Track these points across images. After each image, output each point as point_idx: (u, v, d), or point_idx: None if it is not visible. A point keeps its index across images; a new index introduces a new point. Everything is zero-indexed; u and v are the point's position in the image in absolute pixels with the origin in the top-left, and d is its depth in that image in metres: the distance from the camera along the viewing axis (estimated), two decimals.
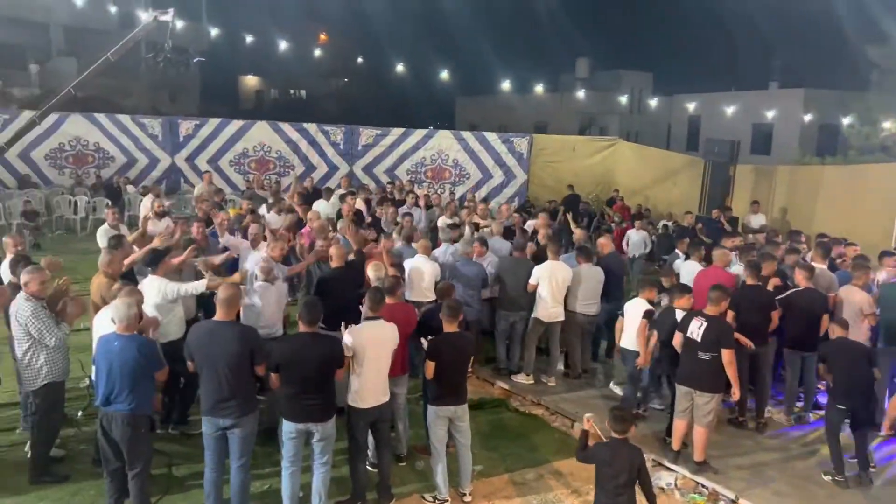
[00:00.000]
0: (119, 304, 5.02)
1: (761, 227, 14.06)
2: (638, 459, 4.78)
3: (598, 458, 4.87)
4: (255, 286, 6.63)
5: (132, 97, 28.44)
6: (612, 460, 4.77)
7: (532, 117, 37.68)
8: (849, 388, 6.37)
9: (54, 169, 18.47)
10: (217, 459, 5.19)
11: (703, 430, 6.36)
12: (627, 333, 7.28)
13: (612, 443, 4.86)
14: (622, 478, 4.72)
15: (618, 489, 4.74)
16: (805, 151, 24.30)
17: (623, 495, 4.74)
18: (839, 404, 6.41)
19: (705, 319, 6.34)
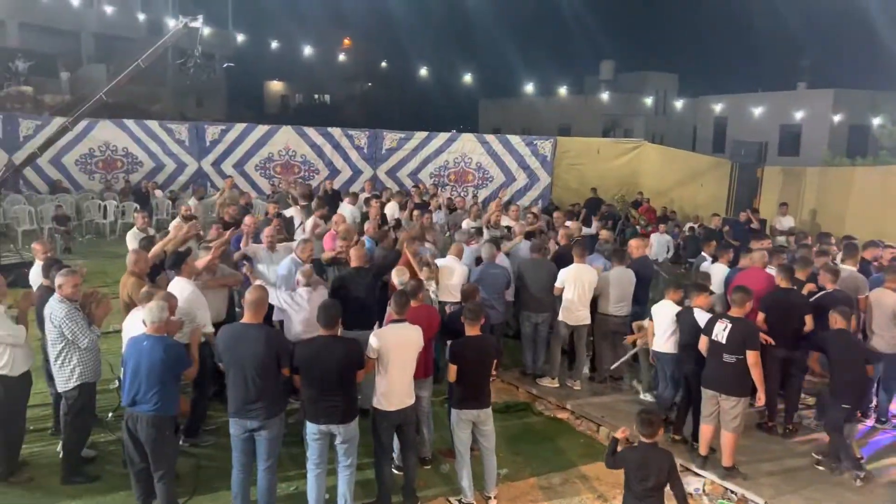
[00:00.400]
0: (153, 306, 5.08)
1: (790, 229, 13.89)
2: (668, 463, 4.74)
3: (627, 463, 4.82)
4: (300, 291, 6.59)
5: (159, 103, 28.89)
6: (642, 464, 4.72)
7: (556, 120, 37.55)
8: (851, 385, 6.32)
9: (84, 174, 18.79)
10: (244, 461, 5.23)
11: (730, 434, 6.27)
12: (659, 336, 7.20)
13: (640, 447, 4.83)
14: (651, 481, 4.68)
15: (646, 493, 4.71)
16: (835, 152, 23.91)
17: (651, 498, 4.70)
18: (844, 403, 6.35)
19: (730, 321, 6.26)
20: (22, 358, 5.70)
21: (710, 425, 6.38)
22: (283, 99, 51.01)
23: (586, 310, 8.12)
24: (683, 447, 6.84)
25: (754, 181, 15.76)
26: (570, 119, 37.99)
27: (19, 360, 5.67)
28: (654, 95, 34.50)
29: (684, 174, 18.73)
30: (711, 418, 6.36)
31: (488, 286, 7.92)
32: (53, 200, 16.56)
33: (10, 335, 5.54)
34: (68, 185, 18.41)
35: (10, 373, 5.61)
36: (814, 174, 16.76)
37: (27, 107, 24.44)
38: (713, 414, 6.34)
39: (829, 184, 16.13)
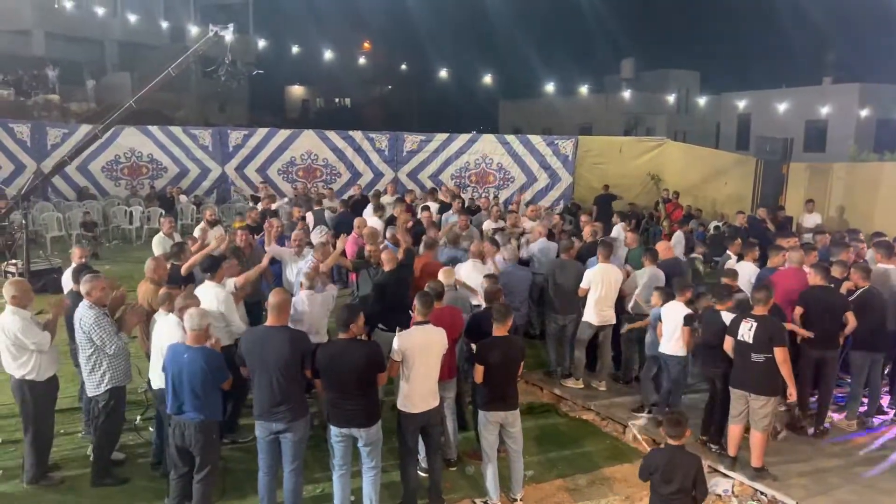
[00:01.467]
0: (194, 312, 5.12)
1: (816, 226, 13.66)
2: (695, 467, 4.68)
3: (653, 465, 4.76)
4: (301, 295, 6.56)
5: (183, 109, 29.24)
6: (668, 467, 4.67)
7: (577, 119, 37.34)
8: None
9: (110, 180, 19.08)
10: (270, 463, 5.26)
11: (760, 434, 6.19)
12: (666, 339, 7.12)
13: (667, 448, 4.78)
14: (675, 485, 4.62)
15: (671, 496, 4.64)
16: (862, 148, 23.52)
17: (676, 502, 4.64)
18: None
19: (755, 320, 6.17)
20: (48, 363, 5.79)
21: (739, 425, 6.30)
22: (304, 103, 51.33)
23: (612, 310, 8.06)
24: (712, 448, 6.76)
25: (779, 178, 15.55)
26: (592, 118, 37.74)
27: (45, 365, 5.75)
28: (677, 93, 34.13)
29: (708, 172, 18.54)
30: (741, 418, 6.28)
31: (512, 287, 7.89)
32: (81, 207, 16.84)
33: (35, 342, 5.62)
34: (95, 191, 18.71)
35: (36, 377, 5.71)
36: (841, 170, 16.48)
37: (54, 115, 24.86)
38: (742, 414, 6.26)
39: (856, 180, 15.86)
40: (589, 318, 8.06)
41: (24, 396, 5.74)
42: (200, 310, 5.23)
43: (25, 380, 5.69)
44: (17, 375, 5.70)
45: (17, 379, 5.71)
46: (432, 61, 32.88)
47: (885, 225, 12.34)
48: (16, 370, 5.69)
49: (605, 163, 19.67)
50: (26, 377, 5.69)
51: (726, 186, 17.91)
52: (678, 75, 39.28)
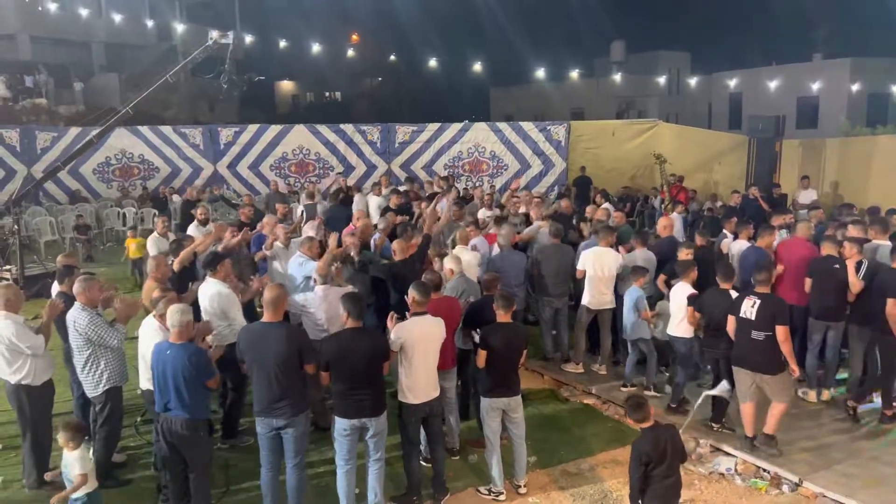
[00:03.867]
0: (173, 309, 5.08)
1: (812, 202, 13.66)
2: (677, 434, 4.81)
3: (643, 453, 4.66)
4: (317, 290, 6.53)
5: (173, 108, 29.04)
6: (654, 448, 4.64)
7: (568, 104, 37.25)
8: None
9: (102, 182, 18.98)
10: (272, 459, 5.24)
11: (782, 405, 6.21)
12: (673, 320, 7.11)
13: (645, 433, 4.75)
14: (666, 461, 4.64)
15: (665, 473, 4.66)
16: (854, 122, 23.49)
17: (671, 477, 4.68)
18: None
19: (758, 297, 6.17)
20: (43, 367, 5.75)
21: (751, 403, 6.30)
22: (294, 98, 51.14)
23: (610, 293, 8.04)
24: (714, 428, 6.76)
25: (773, 156, 15.51)
26: (583, 103, 37.65)
27: (40, 369, 5.72)
28: (667, 74, 34.09)
29: (701, 152, 18.48)
30: (750, 395, 6.27)
31: (508, 272, 7.87)
32: (73, 210, 16.75)
33: (31, 346, 5.58)
34: (87, 194, 18.61)
35: (32, 382, 5.67)
36: (834, 146, 16.45)
37: (42, 118, 24.70)
38: (750, 391, 6.25)
39: (850, 155, 15.83)
40: (586, 301, 8.05)
41: (21, 402, 5.70)
42: (181, 306, 5.16)
43: (21, 385, 5.66)
44: (12, 381, 5.67)
45: (13, 384, 5.68)
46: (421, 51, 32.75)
47: (879, 198, 12.33)
48: (11, 376, 5.66)
49: (598, 147, 19.59)
50: (22, 382, 5.65)
51: (720, 166, 17.87)
52: (668, 56, 39.18)
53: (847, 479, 5.86)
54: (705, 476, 6.18)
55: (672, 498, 4.71)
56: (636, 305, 7.39)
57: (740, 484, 6.04)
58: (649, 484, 4.68)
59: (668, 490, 4.65)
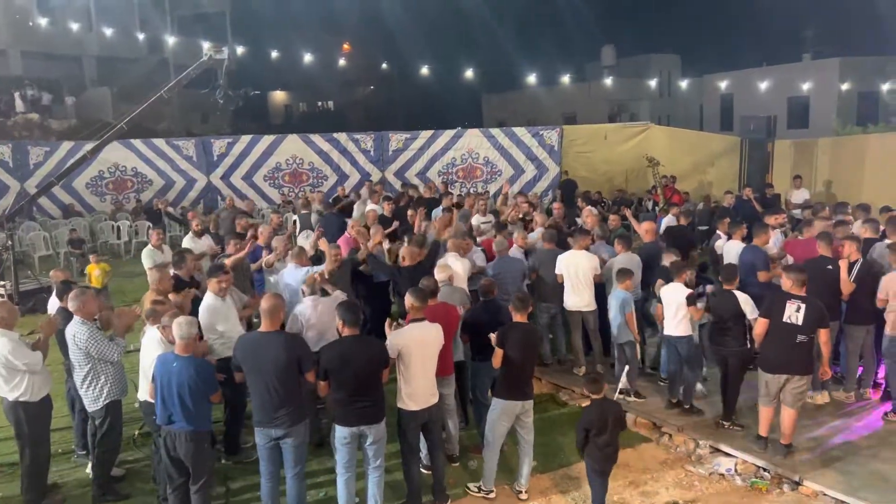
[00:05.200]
0: (181, 321, 5.08)
1: (805, 201, 13.73)
2: (620, 411, 5.53)
3: (587, 421, 5.30)
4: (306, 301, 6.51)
5: (165, 121, 29.02)
6: (600, 417, 5.29)
7: (560, 109, 37.36)
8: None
9: (95, 196, 18.92)
10: (272, 469, 5.23)
11: (794, 412, 6.20)
12: (669, 319, 7.12)
13: (594, 403, 5.38)
14: (608, 432, 5.26)
15: (606, 442, 5.28)
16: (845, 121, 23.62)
17: (610, 447, 5.32)
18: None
19: (801, 301, 6.11)
20: (41, 383, 5.72)
21: (771, 407, 6.29)
22: (286, 108, 51.15)
23: (586, 296, 8.04)
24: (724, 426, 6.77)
25: (765, 156, 15.62)
26: (575, 107, 37.77)
27: (38, 386, 5.68)
28: (658, 77, 34.24)
29: (693, 154, 18.57)
30: (773, 401, 6.27)
31: (506, 278, 7.88)
32: (67, 224, 16.70)
33: (27, 363, 5.55)
34: (81, 208, 18.56)
35: (30, 398, 5.64)
36: (826, 145, 16.55)
37: (35, 134, 24.65)
38: (774, 396, 6.25)
39: (841, 153, 15.93)
40: (565, 303, 8.10)
41: (19, 418, 5.67)
42: (189, 318, 5.18)
43: (19, 401, 5.63)
44: (10, 398, 5.64)
45: (11, 401, 5.65)
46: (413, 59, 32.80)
47: (871, 196, 12.38)
48: (9, 393, 5.63)
49: (591, 151, 19.66)
50: (20, 399, 5.62)
51: (713, 167, 17.95)
52: (659, 59, 39.36)
53: (847, 477, 5.87)
54: (706, 477, 6.18)
55: (606, 462, 5.39)
56: (622, 308, 7.40)
57: (741, 484, 6.05)
58: (590, 446, 5.33)
59: (604, 454, 5.35)
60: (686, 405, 7.17)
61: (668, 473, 6.29)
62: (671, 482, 6.14)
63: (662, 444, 6.85)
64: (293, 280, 7.26)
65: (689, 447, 6.65)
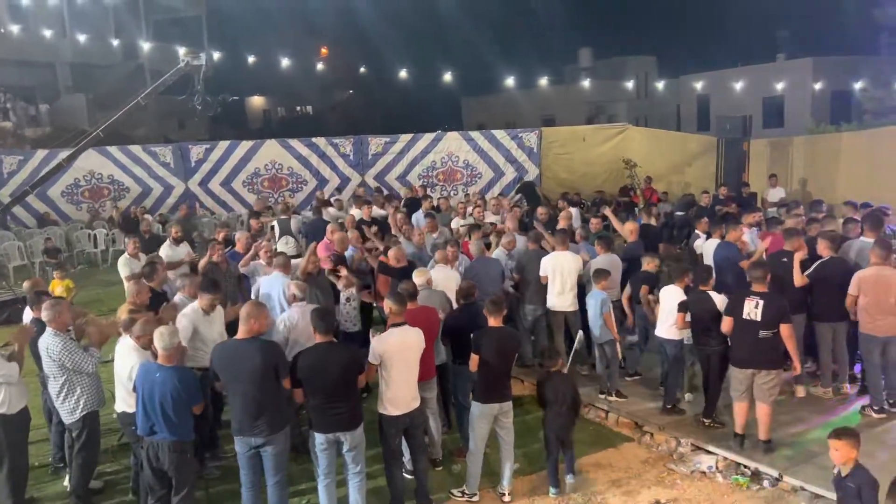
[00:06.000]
0: (163, 331, 5.03)
1: (780, 200, 13.89)
2: (571, 384, 6.07)
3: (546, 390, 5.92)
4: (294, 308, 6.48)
5: (142, 127, 28.72)
6: (556, 389, 5.90)
7: (539, 111, 37.51)
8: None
9: (71, 205, 18.69)
10: (253, 478, 5.18)
11: (767, 407, 6.25)
12: (663, 322, 7.17)
13: (551, 376, 5.98)
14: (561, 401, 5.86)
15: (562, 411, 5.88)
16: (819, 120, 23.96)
17: (563, 417, 5.90)
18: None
19: (760, 297, 6.20)
20: (17, 395, 5.62)
21: (745, 402, 6.34)
22: (265, 114, 50.87)
23: (571, 296, 8.07)
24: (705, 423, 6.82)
25: (741, 155, 15.78)
26: (554, 109, 37.96)
27: (15, 398, 5.59)
28: (635, 79, 34.48)
29: (671, 154, 18.74)
30: (745, 395, 6.33)
31: (484, 280, 7.89)
32: (42, 234, 16.45)
33: (3, 374, 5.46)
34: (56, 217, 18.30)
35: (7, 411, 5.54)
36: (800, 144, 16.75)
37: (8, 142, 24.29)
38: (745, 391, 6.31)
39: (816, 152, 16.13)
40: (550, 304, 8.12)
41: None
42: (171, 328, 5.14)
43: None
44: None
45: None
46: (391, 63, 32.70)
47: (846, 194, 12.55)
48: None
49: (570, 152, 19.77)
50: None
51: (690, 167, 18.11)
52: (636, 61, 39.67)
53: (825, 472, 5.88)
54: (687, 475, 6.22)
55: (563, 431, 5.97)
56: (601, 308, 7.44)
57: (722, 481, 6.10)
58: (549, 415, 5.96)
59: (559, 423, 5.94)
60: (668, 405, 7.22)
61: (650, 472, 6.32)
62: (653, 481, 6.17)
63: (644, 443, 6.89)
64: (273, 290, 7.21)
65: (671, 446, 6.69)
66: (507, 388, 5.87)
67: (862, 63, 25.47)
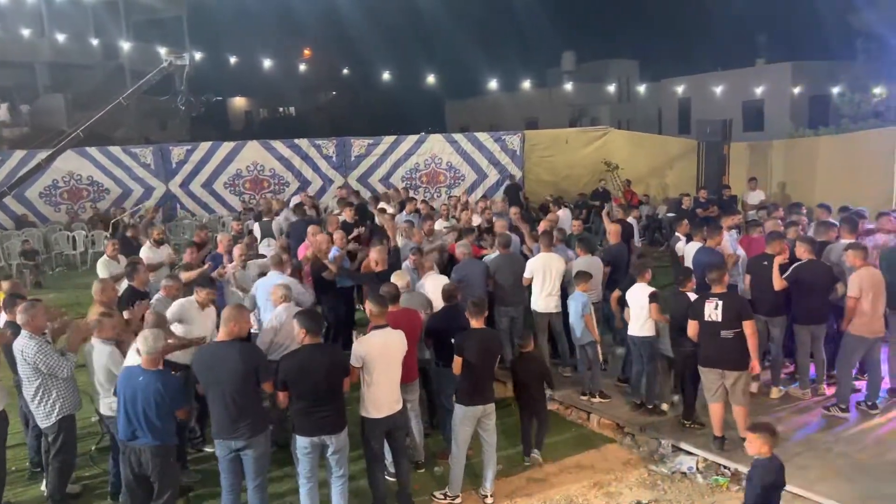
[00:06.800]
0: (147, 335, 4.98)
1: (760, 202, 14.05)
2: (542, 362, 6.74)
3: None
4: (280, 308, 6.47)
5: (122, 128, 28.42)
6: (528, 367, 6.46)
7: (522, 114, 37.64)
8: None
9: (49, 206, 18.43)
10: (233, 482, 5.15)
11: (741, 408, 6.32)
12: (634, 321, 7.21)
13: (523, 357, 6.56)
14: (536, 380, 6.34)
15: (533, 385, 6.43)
16: (797, 124, 24.25)
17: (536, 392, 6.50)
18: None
19: (718, 298, 6.29)
20: None
21: (719, 403, 6.38)
22: (247, 115, 50.58)
23: (557, 298, 8.11)
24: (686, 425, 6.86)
25: (722, 159, 15.92)
26: (537, 112, 38.09)
27: None
28: (617, 82, 34.71)
29: (653, 157, 18.89)
30: (718, 396, 6.37)
31: (473, 280, 7.91)
32: (20, 235, 16.22)
33: None
34: (34, 218, 18.05)
35: None
36: (780, 147, 16.96)
37: None
38: (718, 391, 6.35)
39: (795, 156, 16.34)
40: (535, 306, 8.14)
41: None
42: (156, 331, 5.08)
43: None
44: None
45: None
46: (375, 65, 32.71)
47: (823, 197, 12.70)
48: None
49: (553, 155, 19.85)
50: None
51: (671, 170, 18.26)
52: (618, 65, 39.90)
53: (804, 471, 5.99)
54: (668, 476, 6.26)
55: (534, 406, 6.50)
56: (581, 310, 7.47)
57: (702, 482, 6.14)
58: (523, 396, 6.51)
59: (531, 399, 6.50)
60: (649, 405, 7.26)
61: (632, 473, 6.35)
62: (634, 482, 6.20)
63: (625, 444, 6.92)
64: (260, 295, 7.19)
65: (652, 447, 6.73)
66: (490, 391, 5.88)
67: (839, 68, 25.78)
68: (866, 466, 6.09)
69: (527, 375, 6.46)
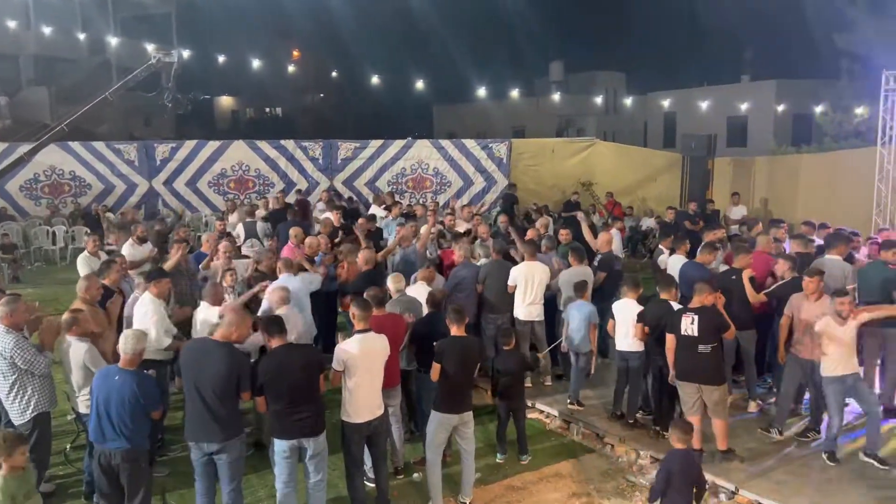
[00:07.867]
0: (129, 335, 4.93)
1: (742, 217, 14.19)
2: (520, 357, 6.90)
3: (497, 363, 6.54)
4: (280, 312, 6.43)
5: (106, 123, 28.13)
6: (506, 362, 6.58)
7: (509, 122, 37.82)
8: None
9: (30, 200, 18.19)
10: (208, 485, 5.09)
11: (721, 421, 6.36)
12: (622, 335, 7.24)
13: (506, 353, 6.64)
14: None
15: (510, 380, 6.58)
16: (780, 141, 24.57)
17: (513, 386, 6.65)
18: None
19: (694, 313, 6.34)
20: None
21: (696, 416, 6.40)
22: (233, 114, 50.25)
23: (539, 306, 8.13)
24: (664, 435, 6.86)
25: (705, 173, 16.08)
26: (524, 121, 38.28)
27: None
28: (604, 94, 34.99)
29: (637, 169, 19.03)
30: (696, 409, 6.39)
31: (466, 284, 7.92)
32: None
33: None
34: (14, 212, 17.80)
35: None
36: (763, 163, 17.18)
37: None
38: (696, 405, 6.38)
39: (777, 172, 16.55)
40: (517, 314, 8.15)
41: None
42: (137, 332, 5.04)
43: None
44: None
45: None
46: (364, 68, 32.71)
47: (805, 214, 12.88)
48: None
49: (539, 164, 19.96)
50: None
51: (655, 183, 18.42)
52: (605, 77, 40.23)
53: (780, 486, 6.05)
54: (646, 487, 6.27)
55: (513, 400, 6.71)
56: (587, 319, 7.49)
57: None
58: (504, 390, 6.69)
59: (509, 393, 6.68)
60: (630, 419, 7.27)
61: (610, 484, 6.37)
62: (612, 492, 6.21)
63: (604, 454, 6.94)
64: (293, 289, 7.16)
65: (631, 457, 6.76)
66: (468, 399, 5.85)
67: (823, 87, 26.17)
68: (842, 478, 6.15)
69: (507, 367, 6.58)
